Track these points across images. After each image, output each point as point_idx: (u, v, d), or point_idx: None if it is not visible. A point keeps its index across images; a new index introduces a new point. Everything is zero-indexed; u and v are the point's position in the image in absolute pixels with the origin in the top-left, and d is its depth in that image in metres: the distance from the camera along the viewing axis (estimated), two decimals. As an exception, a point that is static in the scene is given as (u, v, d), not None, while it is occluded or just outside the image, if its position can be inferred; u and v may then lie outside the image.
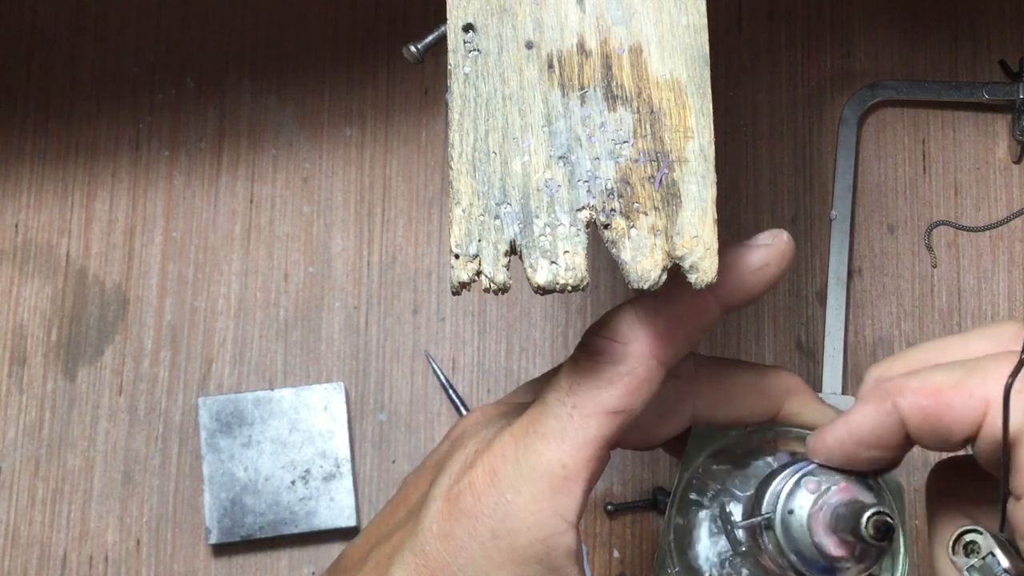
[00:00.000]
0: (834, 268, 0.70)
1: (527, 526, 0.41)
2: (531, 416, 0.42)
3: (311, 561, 0.69)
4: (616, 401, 0.41)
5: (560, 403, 0.42)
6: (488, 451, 0.42)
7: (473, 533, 0.42)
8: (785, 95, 0.74)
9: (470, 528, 0.42)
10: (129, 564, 0.69)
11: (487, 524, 0.41)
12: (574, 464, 0.41)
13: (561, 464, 0.41)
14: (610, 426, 0.41)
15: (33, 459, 0.70)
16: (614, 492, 0.69)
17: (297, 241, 0.72)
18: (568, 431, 0.41)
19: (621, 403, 0.41)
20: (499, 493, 0.41)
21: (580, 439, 0.41)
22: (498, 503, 0.41)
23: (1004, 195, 0.72)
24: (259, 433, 0.68)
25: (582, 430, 0.41)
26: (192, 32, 0.75)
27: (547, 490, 0.41)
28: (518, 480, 0.41)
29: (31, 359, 0.71)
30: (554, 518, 0.41)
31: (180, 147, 0.73)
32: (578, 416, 0.41)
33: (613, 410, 0.41)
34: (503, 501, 0.41)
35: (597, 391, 0.41)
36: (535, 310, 0.72)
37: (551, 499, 0.41)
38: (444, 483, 0.43)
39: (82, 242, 0.72)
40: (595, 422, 0.41)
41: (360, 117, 0.74)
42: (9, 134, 0.74)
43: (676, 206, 0.40)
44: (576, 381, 0.42)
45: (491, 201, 0.40)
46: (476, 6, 0.42)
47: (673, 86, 0.41)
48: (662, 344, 0.41)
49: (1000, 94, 0.71)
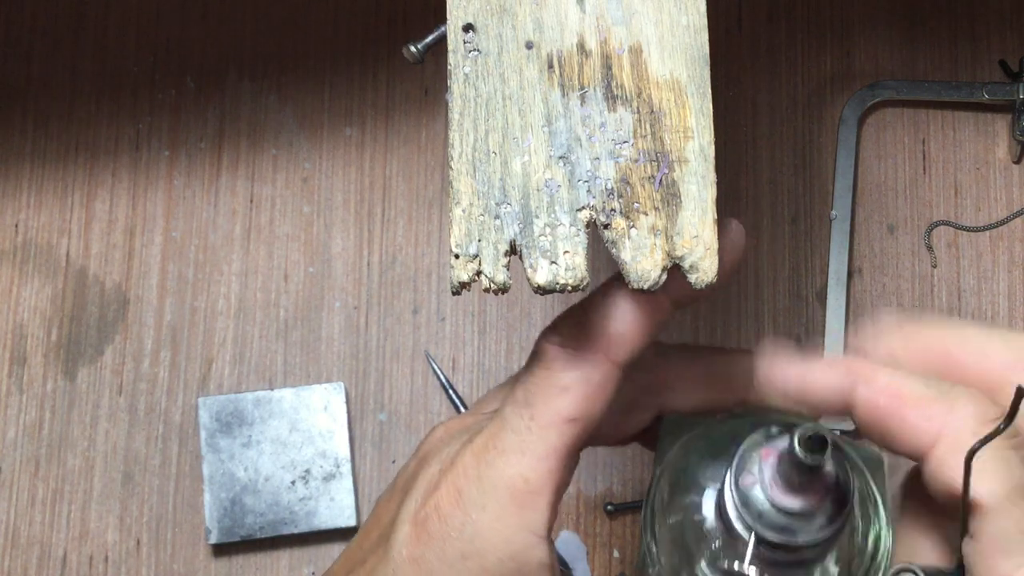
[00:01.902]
0: (834, 268, 0.70)
1: (495, 544, 0.41)
2: (490, 431, 0.42)
3: (311, 561, 0.69)
4: (573, 408, 0.40)
5: (517, 416, 0.41)
6: (451, 470, 0.42)
7: (442, 556, 0.41)
8: (785, 95, 0.74)
9: (439, 551, 0.41)
10: (129, 564, 0.69)
11: (455, 546, 0.41)
12: (537, 477, 0.40)
13: (523, 479, 0.40)
14: (570, 434, 0.41)
15: (33, 459, 0.70)
16: (614, 492, 0.69)
17: (297, 241, 0.72)
18: (527, 444, 0.40)
19: (578, 410, 0.40)
20: (464, 513, 0.41)
21: (540, 451, 0.40)
22: (464, 523, 0.41)
23: (1004, 195, 0.72)
24: (259, 433, 0.68)
25: (541, 442, 0.40)
26: (192, 32, 0.75)
27: (511, 506, 0.40)
28: (482, 498, 0.41)
29: (31, 359, 0.71)
30: (521, 533, 0.41)
31: (180, 147, 0.73)
32: (536, 427, 0.40)
33: (571, 418, 0.40)
34: (469, 521, 0.41)
35: (552, 400, 0.40)
36: (535, 310, 0.72)
37: (517, 515, 0.40)
38: (411, 506, 0.43)
39: (82, 242, 0.72)
40: (554, 432, 0.40)
41: (360, 117, 0.74)
42: (9, 134, 0.74)
43: (676, 206, 0.40)
44: (531, 391, 0.41)
45: (491, 201, 0.40)
46: (476, 6, 0.42)
47: (673, 86, 0.41)
48: (616, 345, 0.41)
49: (1000, 94, 0.71)
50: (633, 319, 0.41)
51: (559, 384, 0.40)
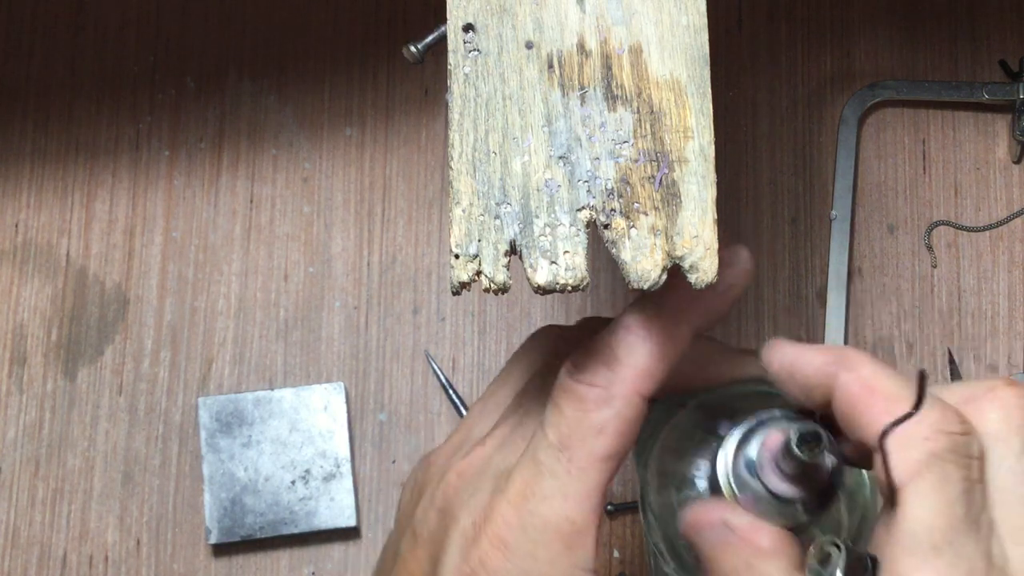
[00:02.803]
0: (834, 268, 0.70)
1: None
2: (524, 477, 0.42)
3: (311, 561, 0.69)
4: (608, 447, 0.41)
5: (555, 459, 0.41)
6: (490, 523, 0.42)
7: None
8: (785, 95, 0.74)
9: None
10: (129, 564, 0.69)
11: None
12: (582, 518, 0.41)
13: (570, 521, 0.41)
14: (607, 471, 0.41)
15: (33, 459, 0.70)
16: (614, 492, 0.69)
17: (297, 241, 0.72)
18: (569, 487, 0.41)
19: (613, 447, 0.41)
20: (514, 564, 0.41)
21: (582, 492, 0.41)
22: (516, 575, 0.41)
23: (1004, 195, 0.73)
24: (259, 433, 0.68)
25: (582, 483, 0.41)
26: (192, 32, 0.75)
27: (562, 549, 0.41)
28: (531, 546, 0.41)
29: (31, 359, 0.71)
30: (574, 571, 0.41)
31: (180, 147, 0.73)
32: (575, 470, 0.41)
33: (607, 456, 0.41)
34: (521, 571, 0.41)
35: (589, 441, 0.41)
36: (535, 310, 0.72)
37: (568, 556, 0.41)
38: (451, 563, 0.42)
39: (82, 242, 0.72)
40: (593, 471, 0.41)
41: (360, 117, 0.74)
42: (9, 134, 0.74)
43: (676, 206, 0.40)
44: (564, 433, 0.41)
45: (491, 201, 0.40)
46: (476, 6, 0.42)
47: (673, 86, 0.41)
48: (643, 379, 0.41)
49: (1000, 94, 0.71)
50: (660, 353, 0.41)
51: (594, 425, 0.41)
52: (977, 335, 0.71)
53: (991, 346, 0.71)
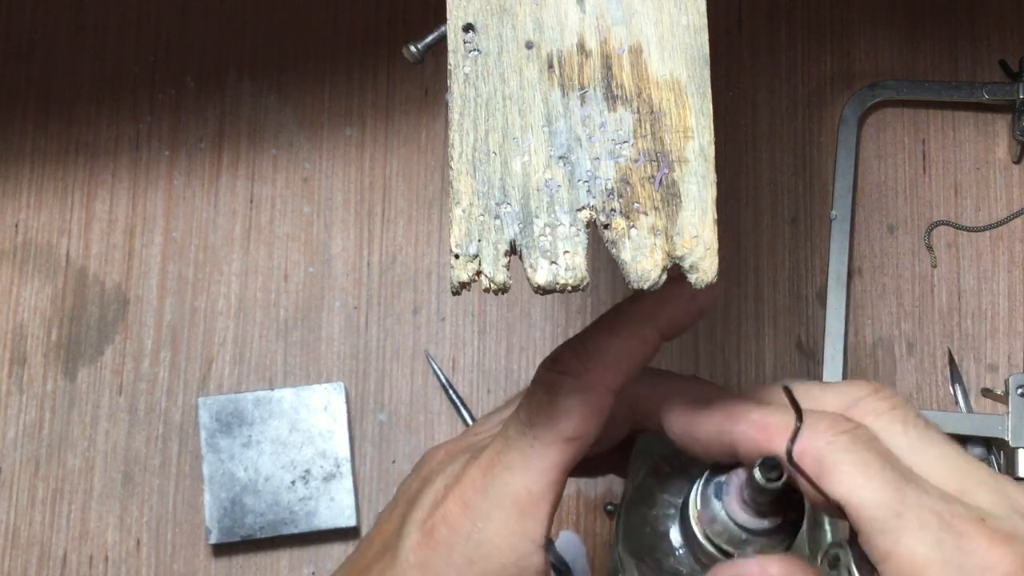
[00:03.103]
0: (834, 268, 0.70)
1: (499, 550, 0.45)
2: (495, 448, 0.46)
3: (311, 561, 0.69)
4: (572, 429, 0.44)
5: (521, 435, 0.45)
6: (458, 484, 0.46)
7: (449, 561, 0.45)
8: (785, 95, 0.74)
9: (446, 556, 0.45)
10: (129, 564, 0.69)
11: (462, 551, 0.45)
12: (539, 489, 0.45)
13: (527, 491, 0.44)
14: (569, 451, 0.45)
15: (33, 459, 0.70)
16: (614, 492, 0.69)
17: (297, 241, 0.72)
18: (531, 460, 0.44)
19: (577, 430, 0.44)
20: (471, 522, 0.45)
21: (542, 466, 0.44)
22: (471, 531, 0.45)
23: (1004, 195, 0.73)
24: (259, 433, 0.68)
25: (544, 458, 0.44)
26: (192, 32, 0.75)
27: (516, 515, 0.45)
28: (489, 508, 0.45)
29: (31, 359, 0.71)
30: (523, 541, 0.45)
31: (180, 147, 0.73)
32: (539, 445, 0.44)
33: (570, 437, 0.44)
34: (476, 529, 0.45)
35: (555, 422, 0.44)
36: (535, 310, 0.72)
37: (520, 523, 0.45)
38: (418, 516, 0.46)
39: (82, 242, 0.72)
40: (555, 449, 0.44)
41: (360, 117, 0.74)
42: (9, 134, 0.74)
43: (676, 206, 0.40)
44: (534, 413, 0.45)
45: (491, 201, 0.40)
46: (476, 6, 0.42)
47: (673, 86, 0.41)
48: (610, 374, 0.45)
49: (1000, 94, 0.71)
50: (627, 351, 0.45)
51: (561, 408, 0.44)
52: (977, 335, 0.71)
53: (991, 346, 0.71)
